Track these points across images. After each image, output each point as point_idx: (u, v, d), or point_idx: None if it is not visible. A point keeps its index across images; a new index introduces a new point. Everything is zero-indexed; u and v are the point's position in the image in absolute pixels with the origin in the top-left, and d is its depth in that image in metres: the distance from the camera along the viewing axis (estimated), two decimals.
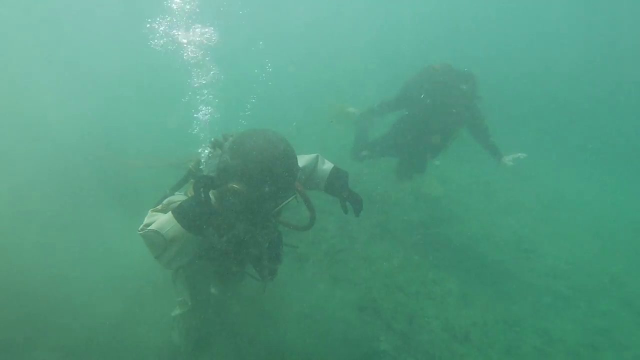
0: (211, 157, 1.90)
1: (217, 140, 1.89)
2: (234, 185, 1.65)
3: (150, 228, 1.71)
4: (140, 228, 1.75)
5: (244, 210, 1.75)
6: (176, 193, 2.12)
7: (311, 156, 2.24)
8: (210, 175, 1.71)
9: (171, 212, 1.73)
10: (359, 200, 2.24)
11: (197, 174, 2.03)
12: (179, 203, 1.76)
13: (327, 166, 2.27)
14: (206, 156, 1.93)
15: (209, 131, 2.27)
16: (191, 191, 1.85)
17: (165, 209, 1.87)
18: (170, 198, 2.01)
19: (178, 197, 2.01)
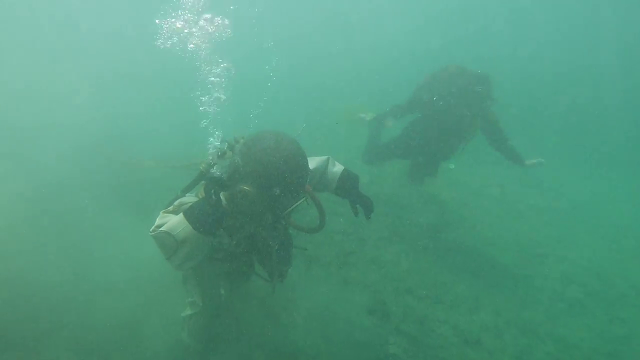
0: (223, 158, 1.91)
1: (229, 142, 1.91)
2: (245, 187, 1.66)
3: (161, 229, 1.73)
4: (152, 229, 1.78)
5: (254, 212, 1.75)
6: (187, 194, 2.13)
7: (322, 158, 2.24)
8: (222, 176, 1.73)
9: (182, 213, 1.75)
10: (369, 202, 2.23)
11: (209, 176, 2.05)
12: (190, 204, 1.78)
13: (338, 168, 2.26)
14: (215, 155, 1.94)
15: (218, 125, 2.25)
16: (202, 193, 1.86)
17: (176, 211, 1.89)
18: (181, 199, 2.02)
19: (189, 199, 2.02)
